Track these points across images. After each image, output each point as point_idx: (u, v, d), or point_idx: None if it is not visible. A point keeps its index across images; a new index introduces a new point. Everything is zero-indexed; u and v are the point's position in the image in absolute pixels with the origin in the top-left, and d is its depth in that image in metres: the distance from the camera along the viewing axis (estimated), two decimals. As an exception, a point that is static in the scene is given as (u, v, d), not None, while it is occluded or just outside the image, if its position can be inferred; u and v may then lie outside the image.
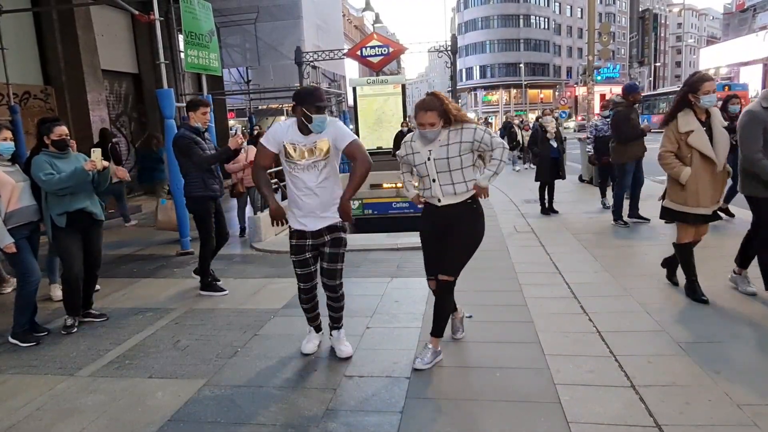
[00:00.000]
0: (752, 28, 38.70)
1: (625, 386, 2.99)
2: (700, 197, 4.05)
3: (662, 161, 4.17)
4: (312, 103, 3.14)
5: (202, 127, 4.88)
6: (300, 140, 3.24)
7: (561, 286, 4.81)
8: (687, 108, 4.07)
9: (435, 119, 3.11)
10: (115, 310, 4.73)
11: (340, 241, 3.44)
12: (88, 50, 10.44)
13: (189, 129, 4.83)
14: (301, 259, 3.44)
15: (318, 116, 3.14)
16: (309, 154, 3.24)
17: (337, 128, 3.26)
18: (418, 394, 3.02)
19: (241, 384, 3.23)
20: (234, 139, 4.75)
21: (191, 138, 4.76)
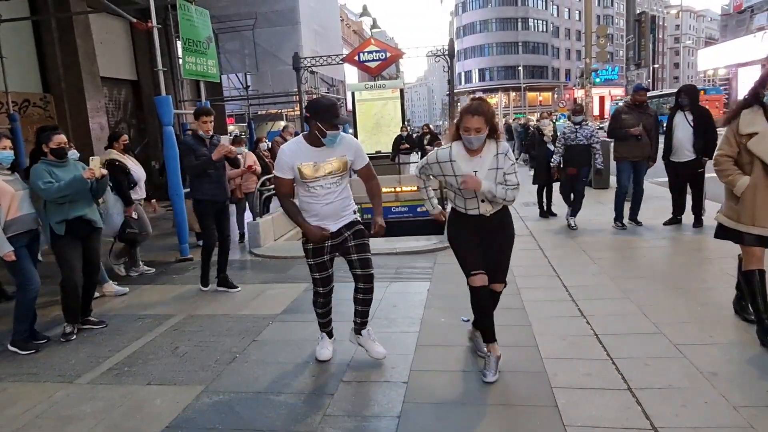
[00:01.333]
0: (750, 29, 38.79)
1: (622, 389, 3.00)
2: (757, 214, 3.35)
3: (717, 167, 3.55)
4: (328, 120, 3.11)
5: (205, 135, 5.05)
6: (312, 158, 3.21)
7: (559, 289, 4.82)
8: (757, 105, 3.38)
9: (482, 125, 2.99)
10: (114, 316, 4.74)
11: (363, 233, 3.44)
12: (87, 58, 10.47)
13: (192, 136, 5.11)
14: (319, 261, 3.40)
15: (332, 132, 3.13)
16: (324, 171, 3.23)
17: (357, 149, 3.36)
18: (416, 398, 3.03)
19: (239, 390, 3.24)
20: (217, 150, 4.94)
21: (188, 145, 5.01)
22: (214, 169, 5.04)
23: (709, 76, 48.18)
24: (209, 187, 5.05)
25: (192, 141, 5.05)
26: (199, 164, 4.94)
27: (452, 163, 3.11)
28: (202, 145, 5.04)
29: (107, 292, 5.38)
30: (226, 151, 5.01)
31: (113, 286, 5.44)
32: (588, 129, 6.99)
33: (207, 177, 5.01)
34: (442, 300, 4.69)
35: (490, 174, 3.07)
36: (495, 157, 3.09)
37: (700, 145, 6.46)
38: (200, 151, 4.98)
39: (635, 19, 11.47)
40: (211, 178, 5.04)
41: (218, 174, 5.12)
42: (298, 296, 5.05)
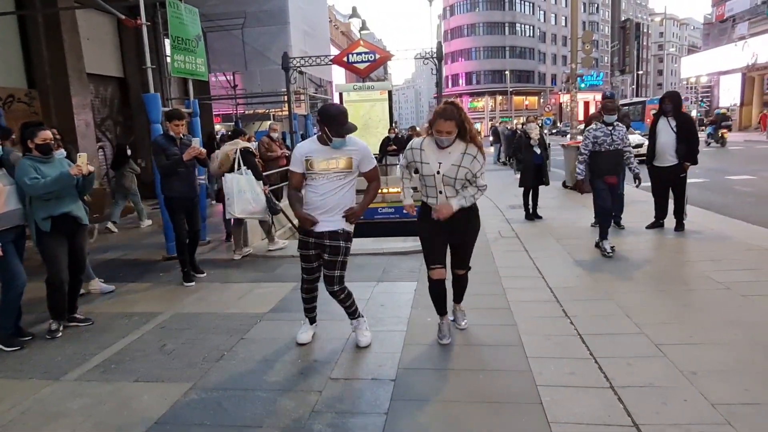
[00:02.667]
0: (731, 38, 39.56)
1: (605, 387, 3.06)
2: None
3: None
4: (334, 128, 3.39)
5: (176, 136, 5.40)
6: (320, 152, 3.49)
7: (544, 290, 4.89)
8: None
9: (453, 128, 3.30)
10: (101, 314, 4.71)
11: (338, 250, 3.58)
12: (74, 54, 10.35)
13: (163, 136, 5.46)
14: (303, 254, 3.68)
15: (338, 139, 3.42)
16: (326, 165, 3.48)
17: (366, 152, 3.59)
18: (403, 395, 3.07)
19: (227, 387, 3.25)
20: (188, 151, 5.27)
21: (159, 144, 5.34)
22: (184, 168, 5.35)
23: (692, 84, 48.98)
24: (179, 184, 5.37)
25: (163, 140, 5.36)
26: (170, 164, 5.25)
27: (421, 152, 3.47)
28: (172, 144, 5.35)
29: (93, 289, 5.34)
30: (197, 152, 5.33)
31: (99, 283, 5.41)
32: (622, 130, 6.06)
33: (177, 175, 5.33)
34: (429, 300, 4.71)
35: (452, 169, 3.37)
36: (461, 155, 3.37)
37: (683, 150, 6.60)
38: (171, 150, 5.29)
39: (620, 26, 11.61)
40: (180, 176, 5.35)
41: (188, 172, 5.46)
42: (286, 295, 5.07)
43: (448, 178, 3.39)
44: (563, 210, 9.19)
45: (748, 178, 12.43)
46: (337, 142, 3.43)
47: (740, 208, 8.69)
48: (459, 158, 3.37)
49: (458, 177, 3.38)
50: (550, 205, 9.48)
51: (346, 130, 3.42)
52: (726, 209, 8.40)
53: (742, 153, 18.80)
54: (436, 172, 3.39)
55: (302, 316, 4.45)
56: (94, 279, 5.39)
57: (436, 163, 3.40)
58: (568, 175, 11.94)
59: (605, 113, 6.06)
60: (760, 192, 10.57)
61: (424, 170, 3.45)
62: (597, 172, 6.03)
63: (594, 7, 78.54)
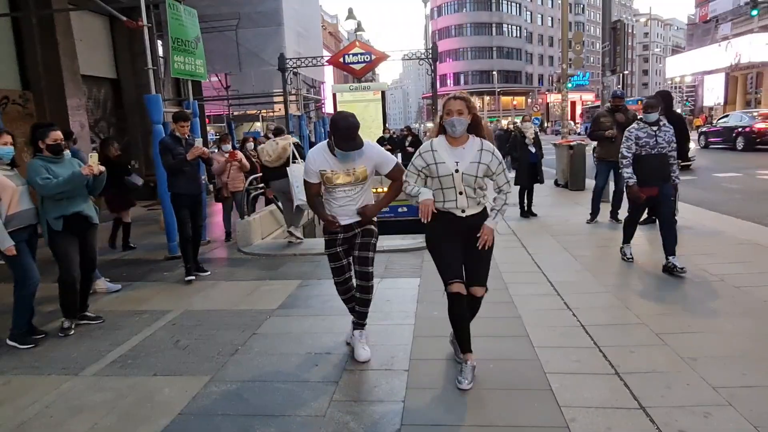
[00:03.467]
0: (715, 39, 40.19)
1: (610, 373, 3.20)
2: None
3: None
4: (338, 142, 3.29)
5: (182, 137, 5.66)
6: (333, 166, 3.40)
7: (544, 285, 5.03)
8: None
9: (464, 108, 3.07)
10: (110, 312, 4.77)
11: (371, 232, 3.59)
12: (68, 55, 10.34)
13: (169, 137, 5.72)
14: (332, 253, 3.58)
15: (341, 152, 3.32)
16: (345, 178, 3.42)
17: (380, 155, 3.48)
18: (418, 384, 3.18)
19: (245, 379, 3.34)
20: (192, 151, 5.52)
21: (166, 145, 5.60)
22: (189, 167, 5.61)
23: (676, 83, 49.68)
24: (185, 182, 5.64)
25: (170, 141, 5.62)
26: (176, 163, 5.51)
27: (433, 152, 3.16)
28: (178, 144, 5.61)
29: (99, 288, 5.39)
30: (200, 152, 5.59)
31: (105, 282, 5.46)
32: (669, 132, 5.31)
33: (182, 173, 5.59)
34: (434, 295, 4.81)
35: (472, 167, 3.10)
36: (479, 152, 3.13)
37: None
38: (177, 150, 5.55)
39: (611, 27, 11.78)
40: (186, 175, 5.62)
41: (192, 170, 5.72)
42: (293, 292, 5.16)
43: (469, 176, 3.10)
44: (557, 207, 9.36)
45: (734, 176, 12.71)
46: (340, 154, 3.33)
47: (729, 204, 8.92)
48: (477, 155, 3.12)
49: (479, 175, 3.11)
50: (544, 203, 9.65)
51: (350, 146, 3.28)
52: (716, 206, 8.62)
53: (726, 152, 19.16)
54: (455, 171, 3.10)
55: (312, 311, 4.56)
56: (101, 278, 5.43)
57: (452, 162, 3.11)
58: (559, 174, 12.13)
59: (646, 111, 5.31)
60: (747, 189, 10.83)
61: (440, 170, 3.12)
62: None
63: (580, 8, 79.30)
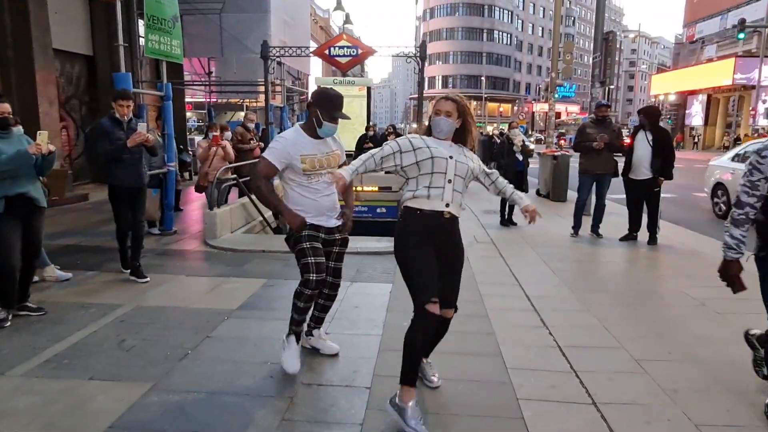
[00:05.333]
0: (700, 59, 40.78)
1: (587, 403, 2.97)
2: None
3: None
4: (329, 110, 3.12)
5: (121, 118, 4.88)
6: (312, 151, 3.16)
7: (521, 299, 4.81)
8: None
9: (453, 110, 2.83)
10: (55, 304, 4.40)
11: (347, 242, 3.46)
12: (40, 27, 9.84)
13: (108, 119, 4.90)
14: (316, 246, 3.19)
15: (329, 124, 3.14)
16: (322, 164, 3.20)
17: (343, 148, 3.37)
18: (379, 405, 2.90)
19: (191, 389, 3.03)
20: (132, 138, 4.75)
21: (104, 128, 4.83)
22: (129, 155, 4.86)
23: (660, 101, 50.34)
24: (124, 172, 4.92)
25: (108, 124, 4.84)
26: (113, 150, 4.78)
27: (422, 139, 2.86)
28: (119, 128, 4.85)
29: (48, 276, 5.02)
30: (142, 139, 4.80)
31: (55, 270, 5.08)
32: None
33: (121, 162, 4.86)
34: (405, 303, 4.48)
35: (461, 167, 2.81)
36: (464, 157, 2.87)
37: (658, 164, 6.66)
38: (116, 134, 4.80)
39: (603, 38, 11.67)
40: (125, 164, 4.89)
41: (134, 159, 4.97)
42: (256, 292, 4.85)
43: (462, 165, 2.81)
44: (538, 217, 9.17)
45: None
46: (327, 127, 3.12)
47: (708, 224, 8.85)
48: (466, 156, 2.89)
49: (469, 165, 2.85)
50: (525, 212, 9.46)
51: (341, 115, 3.15)
52: (695, 225, 8.53)
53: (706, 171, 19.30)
54: (449, 156, 2.78)
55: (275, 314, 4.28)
56: (50, 266, 5.06)
57: (444, 151, 2.80)
58: (541, 184, 12.00)
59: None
60: (728, 210, 10.81)
61: (434, 152, 2.76)
62: None
63: (570, 20, 79.93)
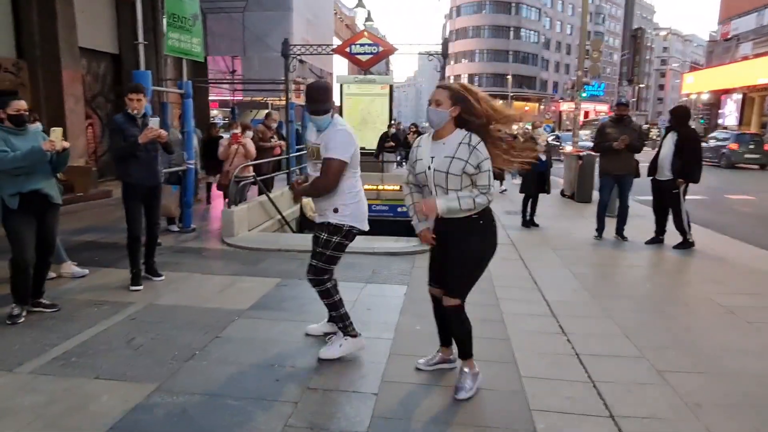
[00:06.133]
0: (734, 57, 39.52)
1: (604, 416, 2.83)
2: None
3: None
4: (309, 104, 3.26)
5: (134, 113, 4.71)
6: (312, 139, 3.36)
7: (539, 303, 4.66)
8: None
9: (444, 98, 2.74)
10: (69, 300, 4.42)
11: (317, 240, 3.45)
12: (66, 26, 10.01)
13: (122, 115, 4.76)
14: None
15: (314, 117, 3.25)
16: (312, 155, 3.37)
17: (329, 139, 3.21)
18: (385, 413, 2.82)
19: (195, 392, 2.98)
20: (144, 133, 4.60)
21: (118, 124, 4.69)
22: (144, 152, 4.72)
23: (692, 100, 49.02)
24: (137, 170, 4.74)
25: (123, 120, 4.70)
26: (126, 146, 4.61)
27: (417, 148, 2.96)
28: (133, 125, 4.70)
29: (65, 272, 5.06)
30: (155, 134, 4.65)
31: (72, 266, 5.12)
32: None
33: (135, 159, 4.70)
34: (420, 306, 4.46)
35: (443, 162, 2.75)
36: (458, 145, 2.76)
37: (678, 166, 6.42)
38: (130, 131, 4.65)
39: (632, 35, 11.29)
40: (139, 161, 4.72)
41: (149, 156, 4.81)
42: (269, 292, 4.81)
43: (439, 173, 2.76)
44: (561, 219, 8.97)
45: (747, 198, 12.29)
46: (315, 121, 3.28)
47: (740, 228, 8.51)
48: (454, 149, 2.76)
49: (451, 171, 2.73)
50: (548, 213, 9.26)
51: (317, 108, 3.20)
52: (726, 229, 8.20)
53: (739, 172, 18.69)
54: (428, 168, 2.79)
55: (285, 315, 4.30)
56: (67, 262, 5.10)
57: (428, 158, 2.80)
58: (566, 185, 11.73)
59: None
60: (760, 213, 10.42)
61: (417, 167, 2.87)
62: None
63: (600, 18, 78.45)
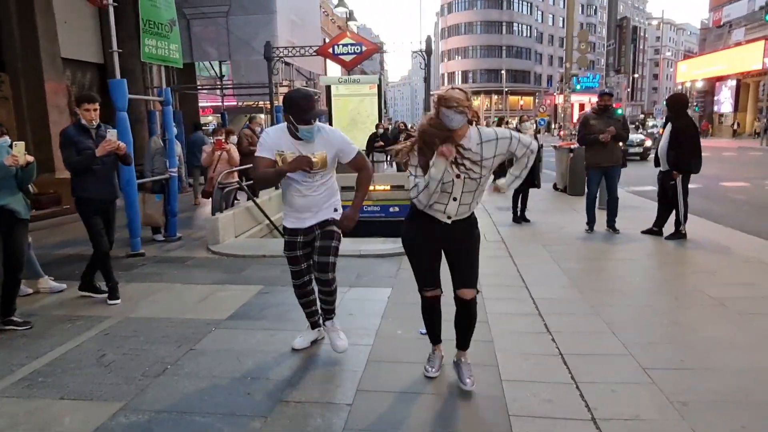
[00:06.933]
0: (727, 44, 39.39)
1: (585, 419, 2.72)
2: None
3: None
4: (296, 114, 3.04)
5: (88, 124, 4.49)
6: (290, 149, 3.13)
7: (526, 302, 4.55)
8: None
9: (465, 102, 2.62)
10: (43, 317, 4.32)
11: (332, 234, 3.34)
12: (48, 37, 9.90)
13: (75, 127, 4.52)
14: (291, 256, 3.41)
15: (304, 127, 3.05)
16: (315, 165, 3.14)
17: (341, 143, 3.23)
18: (358, 424, 2.72)
19: (162, 409, 2.88)
20: (102, 146, 4.38)
21: (69, 136, 4.43)
22: (101, 165, 4.49)
23: (687, 89, 48.88)
24: (94, 183, 4.51)
25: (74, 132, 4.46)
26: (81, 160, 4.39)
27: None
28: (86, 136, 4.47)
29: (42, 288, 4.96)
30: (112, 147, 4.42)
31: (49, 281, 5.02)
32: None
33: (91, 172, 4.47)
34: (403, 309, 4.37)
35: (473, 167, 2.70)
36: (479, 146, 2.69)
37: (672, 157, 6.32)
38: (84, 143, 4.42)
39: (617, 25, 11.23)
40: (96, 174, 4.50)
41: (105, 169, 4.57)
42: (249, 300, 4.70)
43: (470, 180, 2.71)
44: (552, 213, 8.86)
45: (741, 185, 12.18)
46: (304, 130, 3.05)
47: (735, 216, 8.40)
48: (478, 150, 2.68)
49: (483, 175, 2.71)
50: (540, 207, 9.16)
51: (311, 115, 3.03)
52: (721, 217, 8.10)
53: (735, 159, 18.58)
54: (456, 176, 2.68)
55: (264, 324, 4.19)
56: (44, 277, 5.00)
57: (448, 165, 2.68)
58: (558, 177, 11.63)
59: None
60: (754, 200, 10.31)
61: (439, 174, 2.66)
62: None
63: (592, 9, 78.35)
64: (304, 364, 3.41)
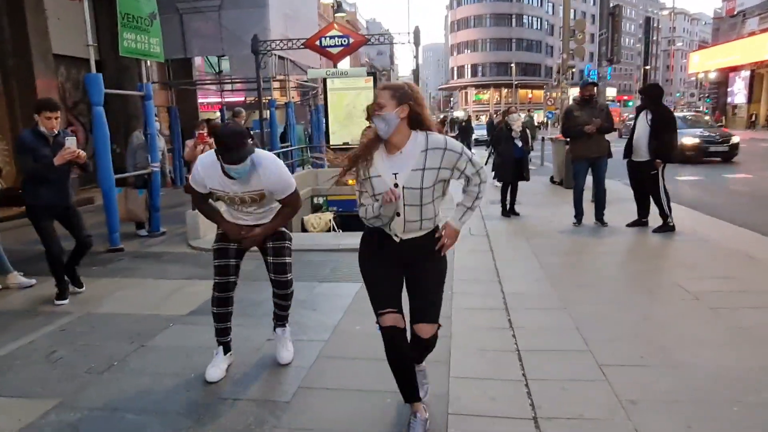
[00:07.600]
0: (741, 34, 38.60)
1: (526, 418, 2.62)
2: None
3: None
4: (223, 153, 2.72)
5: (47, 132, 4.34)
6: (227, 187, 2.90)
7: (495, 297, 4.44)
8: None
9: (388, 101, 2.27)
10: (6, 313, 4.31)
11: (283, 234, 3.20)
12: (38, 34, 9.92)
13: (32, 133, 4.36)
14: (222, 264, 3.12)
15: (233, 167, 2.73)
16: (240, 202, 3.00)
17: (277, 181, 2.93)
18: (294, 423, 2.64)
19: (96, 406, 2.82)
20: (61, 154, 4.21)
21: (26, 143, 4.28)
22: (56, 173, 4.35)
23: (700, 79, 48.02)
24: (47, 191, 4.38)
25: (31, 138, 4.30)
26: (38, 168, 4.25)
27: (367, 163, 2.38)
28: (44, 144, 4.32)
29: (11, 283, 4.95)
30: (71, 156, 4.25)
31: (17, 277, 5.00)
32: None
33: (45, 180, 4.35)
34: (366, 304, 4.25)
35: (414, 176, 2.30)
36: (423, 153, 2.31)
37: (654, 146, 6.16)
38: (41, 151, 4.27)
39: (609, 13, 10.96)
40: (50, 182, 4.37)
41: (60, 178, 4.43)
42: (215, 295, 4.64)
43: (411, 190, 2.31)
44: (544, 207, 8.72)
45: (744, 177, 11.90)
46: (232, 170, 2.75)
47: (731, 208, 8.18)
48: (421, 159, 2.31)
49: (425, 186, 2.31)
50: (532, 201, 9.03)
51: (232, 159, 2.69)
52: (716, 210, 7.89)
53: (744, 150, 18.16)
54: (393, 186, 2.31)
55: None
56: (12, 273, 4.99)
57: (389, 174, 2.33)
58: (555, 171, 11.45)
59: None
60: (756, 192, 10.04)
61: (376, 187, 2.34)
62: None
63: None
64: (253, 362, 3.35)
